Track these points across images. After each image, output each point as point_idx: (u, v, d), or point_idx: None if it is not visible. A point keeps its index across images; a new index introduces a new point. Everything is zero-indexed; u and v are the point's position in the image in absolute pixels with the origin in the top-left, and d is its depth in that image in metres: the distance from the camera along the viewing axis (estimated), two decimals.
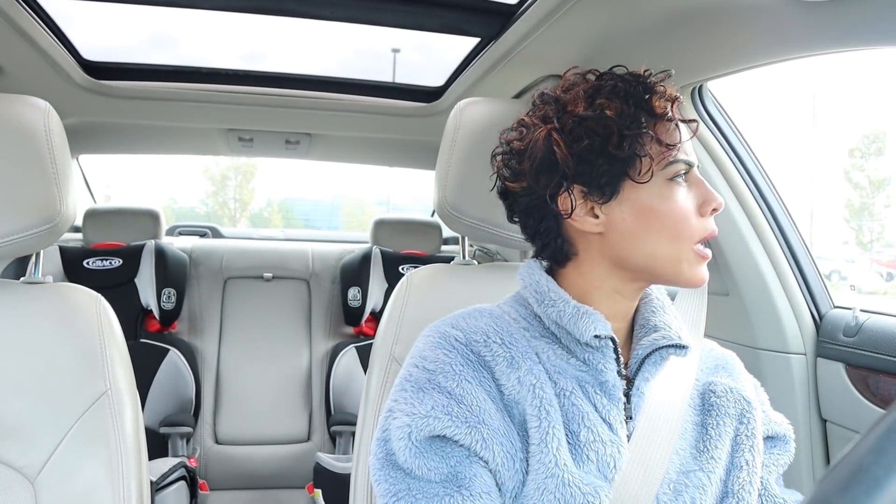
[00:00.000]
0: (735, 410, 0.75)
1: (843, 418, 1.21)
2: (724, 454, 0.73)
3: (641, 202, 0.69)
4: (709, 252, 0.72)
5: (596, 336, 0.68)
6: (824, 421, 1.26)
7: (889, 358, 1.10)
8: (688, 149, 0.72)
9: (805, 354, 1.27)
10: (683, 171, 0.70)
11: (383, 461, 0.67)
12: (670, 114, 0.70)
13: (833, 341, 1.23)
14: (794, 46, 0.98)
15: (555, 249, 0.75)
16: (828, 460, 1.26)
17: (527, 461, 0.66)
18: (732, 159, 1.30)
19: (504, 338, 0.71)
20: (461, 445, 0.65)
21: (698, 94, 1.30)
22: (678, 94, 0.73)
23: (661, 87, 0.72)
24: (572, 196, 0.71)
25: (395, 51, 1.87)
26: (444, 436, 0.65)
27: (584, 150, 0.69)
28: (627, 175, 0.69)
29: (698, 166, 0.73)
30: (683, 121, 0.72)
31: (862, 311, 1.21)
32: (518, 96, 1.58)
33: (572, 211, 0.71)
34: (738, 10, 0.98)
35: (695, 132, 0.74)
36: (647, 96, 0.70)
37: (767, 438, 0.78)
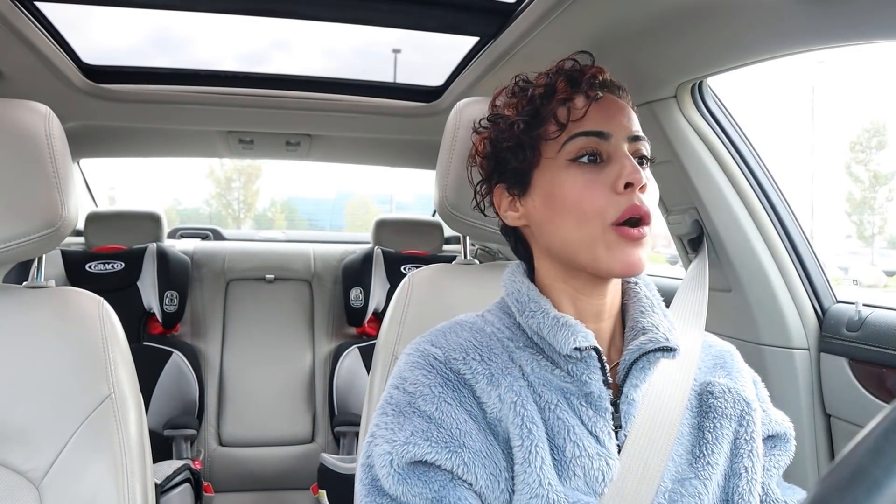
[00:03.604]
0: (734, 412, 0.72)
1: (848, 413, 1.20)
2: (723, 459, 0.70)
3: (546, 189, 0.70)
4: (641, 231, 0.66)
5: (577, 348, 0.67)
6: (828, 416, 1.25)
7: (893, 352, 1.10)
8: (607, 122, 0.69)
9: (808, 350, 1.26)
10: (591, 150, 0.68)
11: (369, 487, 0.66)
12: (571, 92, 0.70)
13: (836, 336, 1.23)
14: (793, 42, 0.98)
15: (516, 248, 0.81)
16: (832, 456, 1.26)
17: (513, 480, 0.65)
18: (733, 155, 1.30)
19: (484, 354, 0.70)
20: (443, 469, 0.64)
21: (698, 90, 1.29)
22: (597, 71, 0.72)
23: (575, 70, 0.72)
24: (497, 194, 0.77)
25: (396, 51, 1.87)
26: (425, 461, 0.63)
27: (495, 149, 0.75)
28: (528, 165, 0.72)
29: (639, 137, 0.70)
30: (589, 97, 0.69)
31: (865, 305, 1.21)
32: None
33: (501, 208, 0.77)
34: (737, 7, 0.98)
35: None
36: (554, 82, 0.72)
37: (768, 438, 0.76)
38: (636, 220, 0.66)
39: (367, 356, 2.44)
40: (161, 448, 2.15)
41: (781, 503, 0.73)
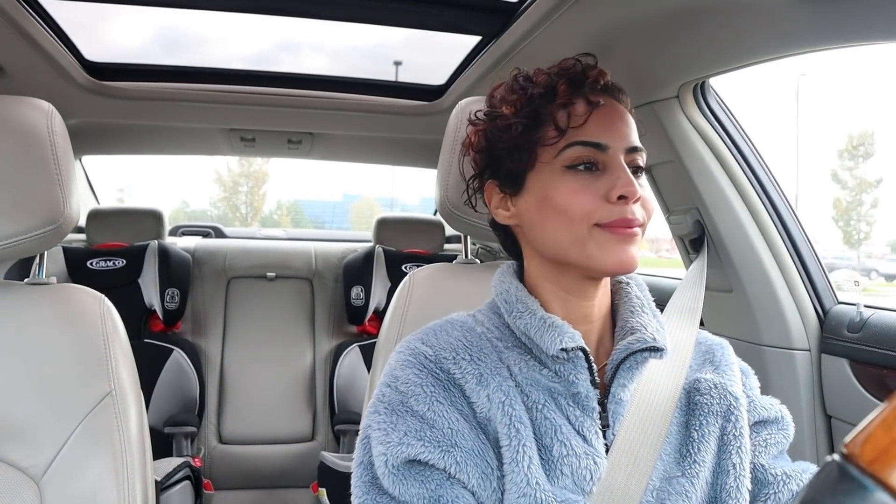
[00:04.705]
0: (721, 408, 0.72)
1: (848, 414, 1.20)
2: (710, 456, 0.70)
3: (540, 192, 0.70)
4: (630, 231, 0.66)
5: (563, 349, 0.67)
6: (829, 417, 1.25)
7: (893, 354, 1.10)
8: (606, 135, 0.68)
9: (809, 351, 1.26)
10: (587, 160, 0.67)
11: (369, 485, 0.66)
12: (573, 96, 0.69)
13: (837, 337, 1.23)
14: (796, 42, 0.97)
15: (505, 243, 0.81)
16: None
17: (503, 479, 0.65)
18: (735, 156, 1.30)
19: (473, 353, 0.70)
20: (438, 469, 0.64)
21: (700, 91, 1.29)
22: (600, 74, 0.70)
23: (578, 71, 0.71)
24: (488, 189, 0.76)
25: (397, 63, 1.87)
26: (419, 460, 0.64)
27: (490, 145, 0.74)
28: (522, 168, 0.71)
29: (637, 149, 0.69)
30: (591, 102, 0.68)
31: (866, 306, 1.20)
32: None
33: (491, 204, 0.76)
34: (739, 7, 0.98)
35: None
36: (555, 83, 0.70)
37: (756, 424, 0.75)
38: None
39: (368, 355, 2.44)
40: (161, 445, 2.15)
41: (781, 476, 0.72)
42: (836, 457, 0.27)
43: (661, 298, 0.87)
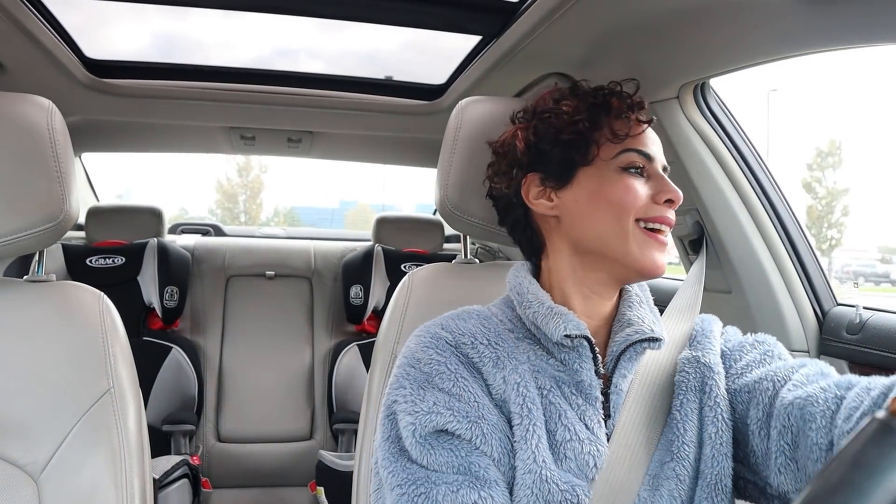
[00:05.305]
0: (696, 382, 0.74)
1: None
2: (694, 434, 0.72)
3: (592, 186, 0.76)
4: (664, 239, 0.75)
5: (567, 336, 0.70)
6: None
7: (892, 355, 1.10)
8: (653, 148, 0.78)
9: (808, 352, 1.26)
10: (638, 165, 0.76)
11: (397, 455, 0.68)
12: (626, 111, 0.78)
13: (836, 339, 1.23)
14: (796, 44, 0.98)
15: (527, 242, 0.85)
16: None
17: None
18: (735, 157, 1.30)
19: (491, 338, 0.74)
20: (464, 439, 0.66)
21: (701, 91, 1.29)
22: (642, 100, 0.80)
23: (624, 92, 0.80)
24: (528, 182, 0.80)
25: (388, 78, 1.87)
26: (447, 430, 0.66)
27: (541, 140, 0.79)
28: (579, 162, 0.77)
29: (667, 168, 0.80)
30: (641, 121, 0.78)
31: (865, 308, 1.21)
32: (520, 94, 1.58)
33: (529, 196, 0.80)
34: (740, 8, 0.98)
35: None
36: (607, 97, 0.79)
37: (739, 366, 0.76)
38: (664, 228, 0.75)
39: (367, 354, 2.44)
40: (159, 443, 2.15)
41: (753, 382, 0.72)
42: (880, 415, 0.31)
43: (660, 299, 0.87)
